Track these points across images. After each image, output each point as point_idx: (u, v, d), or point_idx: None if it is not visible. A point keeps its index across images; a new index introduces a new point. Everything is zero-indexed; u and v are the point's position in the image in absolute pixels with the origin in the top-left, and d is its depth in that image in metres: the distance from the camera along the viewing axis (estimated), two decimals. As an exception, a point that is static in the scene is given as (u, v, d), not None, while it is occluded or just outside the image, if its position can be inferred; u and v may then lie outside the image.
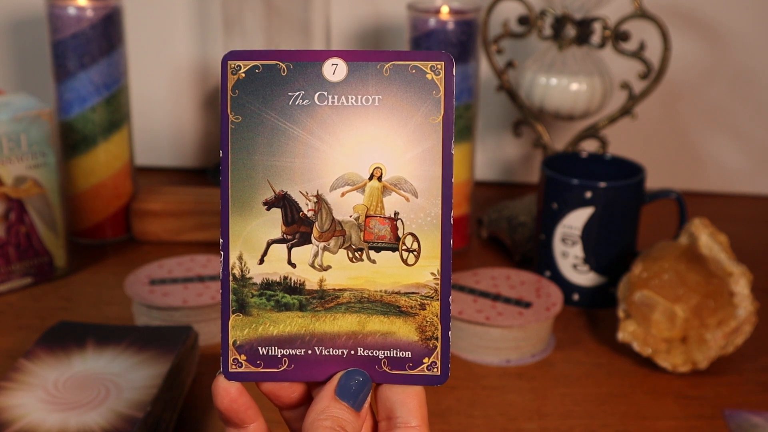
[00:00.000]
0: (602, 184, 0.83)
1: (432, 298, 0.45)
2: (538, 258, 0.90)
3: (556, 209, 0.86)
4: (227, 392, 0.45)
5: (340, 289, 0.45)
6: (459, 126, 0.93)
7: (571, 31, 0.95)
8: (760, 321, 0.80)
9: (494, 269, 0.86)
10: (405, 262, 0.45)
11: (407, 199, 0.45)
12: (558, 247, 0.87)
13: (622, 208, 0.85)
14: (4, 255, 0.86)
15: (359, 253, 0.45)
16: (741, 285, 0.75)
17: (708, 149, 1.17)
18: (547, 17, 0.97)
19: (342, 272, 0.45)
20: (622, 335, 0.77)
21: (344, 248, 0.45)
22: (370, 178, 0.45)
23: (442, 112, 0.44)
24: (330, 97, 0.44)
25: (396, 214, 0.45)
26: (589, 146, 1.05)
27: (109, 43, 0.92)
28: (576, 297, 0.87)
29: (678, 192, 0.88)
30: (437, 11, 0.91)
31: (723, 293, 0.75)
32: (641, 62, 0.94)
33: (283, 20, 1.06)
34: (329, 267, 0.45)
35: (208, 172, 1.18)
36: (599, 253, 0.85)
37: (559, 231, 0.86)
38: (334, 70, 0.44)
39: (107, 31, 0.92)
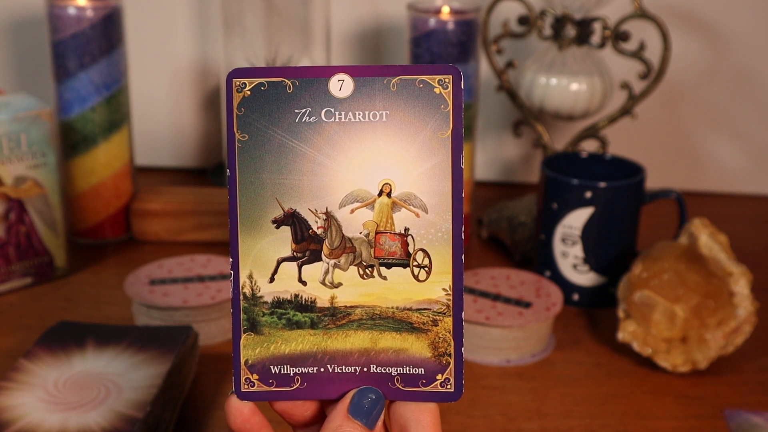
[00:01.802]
0: (602, 184, 0.83)
1: (444, 314, 0.45)
2: (538, 258, 0.90)
3: (556, 209, 0.86)
4: (240, 412, 0.45)
5: (351, 306, 0.45)
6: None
7: (571, 31, 0.95)
8: (760, 321, 0.80)
9: (494, 269, 0.86)
10: (416, 278, 0.45)
11: (417, 215, 0.44)
12: (558, 247, 0.87)
13: (622, 208, 0.85)
14: (4, 255, 0.86)
15: (370, 269, 0.45)
16: (741, 285, 0.75)
17: (708, 149, 1.17)
18: (547, 17, 0.97)
19: (353, 289, 0.45)
20: (622, 335, 0.77)
21: (355, 265, 0.45)
22: (380, 195, 0.44)
23: (451, 126, 0.44)
24: (337, 113, 0.44)
25: (406, 230, 0.45)
26: (589, 146, 1.05)
27: (109, 43, 0.93)
28: (576, 297, 0.87)
29: (678, 192, 0.88)
30: (437, 11, 0.91)
31: (723, 293, 0.75)
32: (641, 62, 0.94)
33: (283, 20, 1.06)
34: (340, 284, 0.45)
35: (208, 172, 1.18)
36: (599, 253, 0.85)
37: (559, 231, 0.86)
38: (341, 86, 0.44)
39: (107, 31, 0.92)
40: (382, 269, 0.45)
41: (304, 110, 0.44)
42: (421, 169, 0.44)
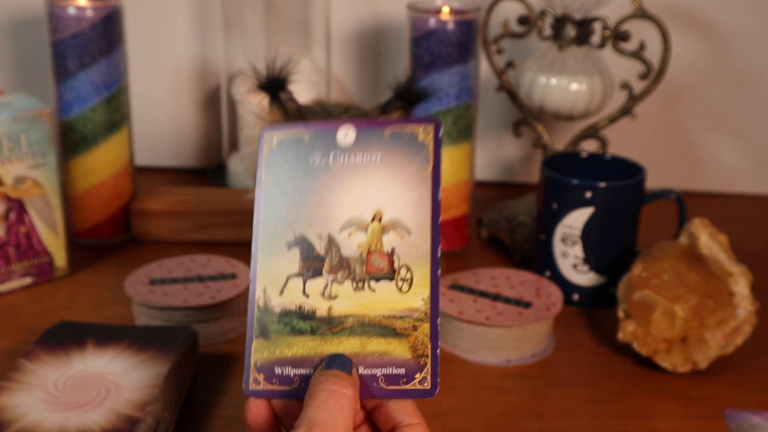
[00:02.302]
0: (602, 184, 0.83)
1: (423, 320, 0.51)
2: (538, 258, 0.90)
3: (556, 209, 0.86)
4: (258, 406, 0.51)
5: (345, 315, 0.51)
6: (459, 126, 0.93)
7: (571, 31, 0.95)
8: (760, 321, 0.80)
9: (494, 269, 0.86)
10: (400, 290, 0.51)
11: (402, 237, 0.52)
12: (558, 247, 0.87)
13: (622, 208, 0.85)
14: (4, 255, 0.86)
15: (362, 283, 0.52)
16: (741, 285, 0.75)
17: (708, 149, 1.17)
18: (547, 17, 0.97)
19: (347, 300, 0.52)
20: (622, 335, 0.77)
21: (349, 279, 0.52)
22: (372, 220, 0.52)
23: (431, 166, 0.52)
24: (342, 157, 0.53)
25: (393, 249, 0.52)
26: (589, 146, 1.05)
27: (109, 43, 0.93)
28: (576, 297, 0.87)
29: (678, 192, 0.88)
30: (437, 11, 0.91)
31: (723, 293, 0.75)
32: (641, 62, 0.94)
33: (283, 20, 1.06)
34: (336, 296, 0.52)
35: (208, 173, 1.18)
36: (599, 253, 0.86)
37: (559, 231, 0.86)
38: (346, 135, 0.53)
39: (107, 31, 0.92)
40: (372, 283, 0.52)
41: (317, 156, 0.54)
42: (406, 200, 0.52)
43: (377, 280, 0.52)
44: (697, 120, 1.16)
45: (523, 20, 0.98)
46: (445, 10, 0.92)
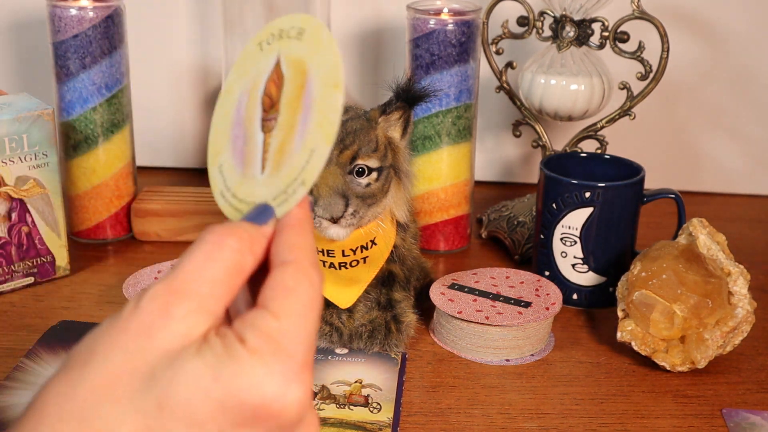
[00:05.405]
0: (601, 184, 0.84)
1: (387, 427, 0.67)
2: (537, 258, 0.90)
3: (555, 209, 0.86)
4: None
5: (328, 417, 0.68)
6: (458, 126, 0.94)
7: (570, 31, 0.95)
8: (758, 320, 0.81)
9: (494, 269, 0.86)
10: (371, 411, 0.69)
11: (375, 390, 0.72)
12: (557, 246, 0.87)
13: (621, 208, 0.85)
14: (5, 255, 0.86)
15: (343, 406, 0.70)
16: (739, 285, 0.76)
17: (706, 149, 1.17)
18: (546, 18, 0.97)
19: (330, 412, 0.69)
20: (621, 335, 0.77)
21: (334, 404, 0.70)
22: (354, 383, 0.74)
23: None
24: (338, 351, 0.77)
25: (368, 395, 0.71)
26: (588, 147, 1.05)
27: (111, 44, 0.93)
28: (575, 297, 0.88)
29: (677, 192, 0.89)
30: (437, 12, 0.91)
31: (721, 293, 0.75)
32: (640, 63, 0.95)
33: (283, 21, 1.06)
34: (323, 409, 0.69)
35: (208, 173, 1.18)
36: (598, 252, 0.86)
37: (559, 231, 0.86)
38: None
39: (108, 32, 0.92)
40: (350, 406, 0.70)
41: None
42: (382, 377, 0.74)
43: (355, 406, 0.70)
44: (696, 120, 1.16)
45: (522, 21, 0.99)
46: (445, 11, 0.92)
